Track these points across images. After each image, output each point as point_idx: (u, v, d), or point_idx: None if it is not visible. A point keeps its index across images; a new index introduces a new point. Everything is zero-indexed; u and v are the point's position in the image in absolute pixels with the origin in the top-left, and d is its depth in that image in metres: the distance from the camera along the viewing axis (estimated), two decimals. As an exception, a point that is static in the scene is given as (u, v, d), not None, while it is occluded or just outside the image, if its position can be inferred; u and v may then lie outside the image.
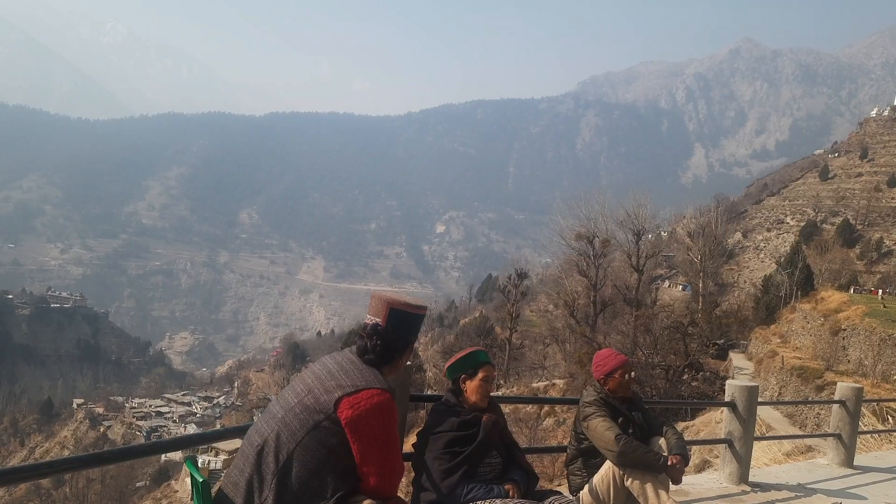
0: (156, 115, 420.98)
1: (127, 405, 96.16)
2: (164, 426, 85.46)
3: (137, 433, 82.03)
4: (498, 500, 3.43)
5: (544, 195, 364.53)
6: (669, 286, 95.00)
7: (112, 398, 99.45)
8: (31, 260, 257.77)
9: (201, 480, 2.46)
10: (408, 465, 3.74)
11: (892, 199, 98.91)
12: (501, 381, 46.99)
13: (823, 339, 33.06)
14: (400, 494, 2.77)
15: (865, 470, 7.36)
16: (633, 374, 4.63)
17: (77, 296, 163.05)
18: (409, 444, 4.17)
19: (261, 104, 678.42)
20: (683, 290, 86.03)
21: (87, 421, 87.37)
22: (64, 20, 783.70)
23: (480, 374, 3.73)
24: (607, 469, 4.37)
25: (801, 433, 22.46)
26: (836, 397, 7.71)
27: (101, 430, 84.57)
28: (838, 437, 7.48)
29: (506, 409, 30.52)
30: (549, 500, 3.64)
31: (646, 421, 4.61)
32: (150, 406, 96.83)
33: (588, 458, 4.54)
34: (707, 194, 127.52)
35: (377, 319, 2.78)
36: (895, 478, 7.18)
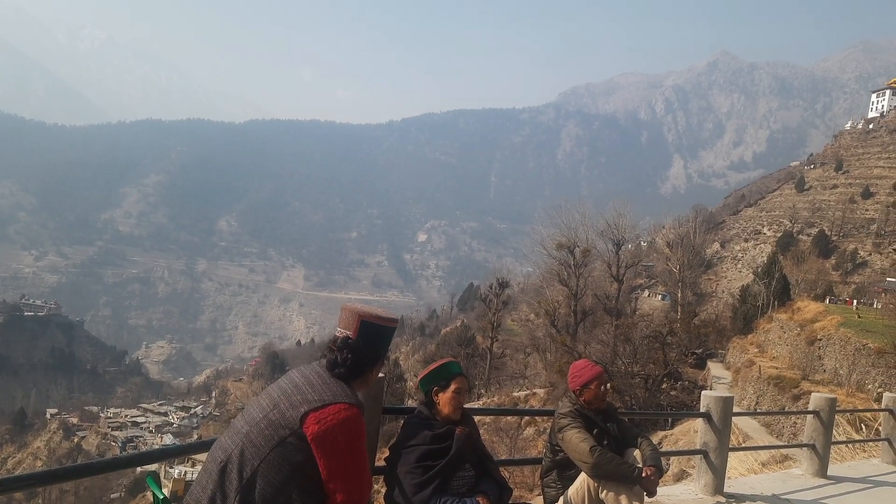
0: (134, 122, 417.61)
1: (102, 415, 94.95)
2: (140, 436, 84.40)
3: (112, 444, 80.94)
4: (470, 514, 3.40)
5: (525, 205, 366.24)
6: (649, 296, 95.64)
7: (87, 408, 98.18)
8: (4, 267, 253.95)
9: (161, 498, 2.40)
10: (380, 478, 3.69)
11: (867, 210, 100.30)
12: (483, 391, 46.96)
13: (800, 348, 33.37)
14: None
15: (839, 480, 7.41)
16: (608, 385, 4.62)
17: (51, 304, 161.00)
18: (383, 458, 4.12)
19: (241, 111, 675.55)
20: (663, 299, 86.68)
21: (61, 431, 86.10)
22: (41, 25, 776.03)
23: (453, 387, 3.70)
24: (582, 481, 4.35)
25: (777, 442, 22.61)
26: (811, 408, 7.76)
27: (75, 440, 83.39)
28: (812, 447, 7.52)
29: (486, 418, 30.49)
30: (523, 512, 3.60)
31: (620, 432, 4.60)
32: (126, 416, 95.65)
33: (563, 469, 4.51)
34: (685, 205, 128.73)
35: (348, 332, 2.72)
36: (867, 488, 7.24)
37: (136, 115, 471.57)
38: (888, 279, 63.94)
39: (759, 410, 29.15)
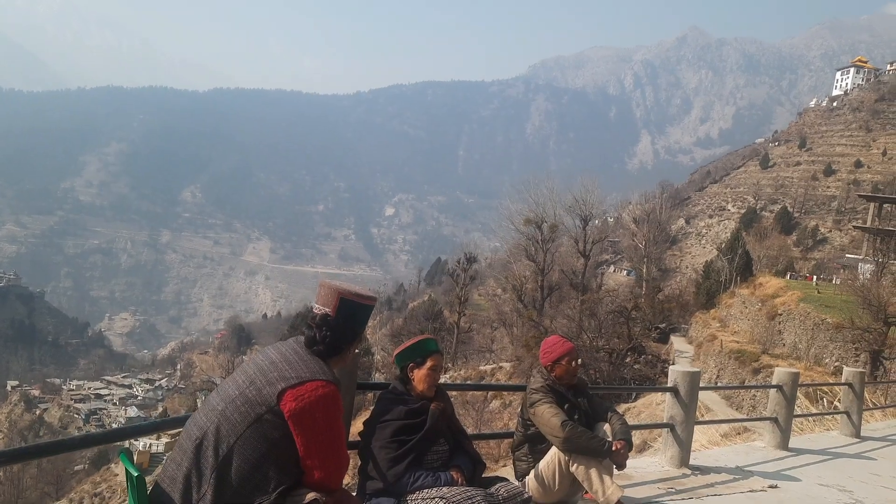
0: (94, 88, 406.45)
1: (64, 387, 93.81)
2: (104, 409, 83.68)
3: (76, 416, 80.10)
4: (445, 488, 3.42)
5: (494, 179, 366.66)
6: (615, 271, 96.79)
7: (48, 380, 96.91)
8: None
9: (136, 475, 2.36)
10: (354, 453, 3.69)
11: (828, 187, 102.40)
12: (449, 364, 47.25)
13: (760, 323, 34.11)
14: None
15: (800, 452, 7.61)
16: (579, 361, 4.67)
17: (10, 274, 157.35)
18: (355, 432, 4.11)
19: (204, 80, 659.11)
20: (628, 275, 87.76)
21: (23, 403, 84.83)
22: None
23: (429, 363, 3.70)
24: (553, 455, 4.40)
25: (738, 414, 23.21)
26: (774, 382, 7.92)
27: (37, 413, 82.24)
28: (775, 420, 7.70)
29: (453, 392, 30.73)
30: (496, 486, 3.64)
31: (591, 407, 4.67)
32: (89, 388, 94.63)
33: (534, 444, 4.57)
34: (652, 181, 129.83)
35: (326, 309, 2.70)
36: (827, 459, 7.45)
37: (95, 81, 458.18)
38: (847, 255, 65.49)
39: (722, 384, 29.85)
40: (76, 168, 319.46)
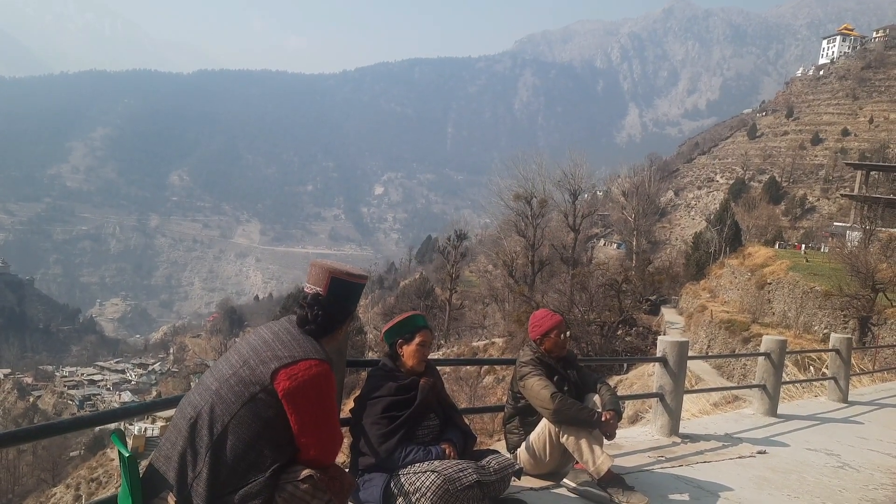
0: (77, 73, 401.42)
1: (57, 374, 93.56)
2: (98, 394, 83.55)
3: (70, 402, 79.98)
4: (436, 461, 3.47)
5: (482, 155, 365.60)
6: (605, 245, 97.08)
7: (41, 367, 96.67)
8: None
9: (128, 455, 2.38)
10: (346, 430, 3.73)
11: (816, 157, 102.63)
12: (442, 341, 47.44)
13: (750, 292, 34.29)
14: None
15: (788, 418, 7.72)
16: (568, 333, 4.70)
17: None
18: (346, 409, 4.15)
19: (189, 61, 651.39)
20: (618, 248, 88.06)
21: (16, 391, 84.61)
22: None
23: (418, 339, 3.73)
24: (543, 427, 4.45)
25: (728, 384, 23.42)
26: (762, 350, 8.01)
27: (31, 400, 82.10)
28: (763, 387, 7.80)
29: (446, 368, 30.90)
30: (487, 458, 3.69)
31: (581, 378, 4.71)
32: (82, 374, 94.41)
33: (525, 416, 4.61)
34: (641, 153, 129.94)
35: (318, 289, 2.72)
36: (815, 425, 7.57)
37: (79, 65, 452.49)
38: (835, 223, 65.75)
39: (711, 353, 30.08)
40: (62, 154, 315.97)
